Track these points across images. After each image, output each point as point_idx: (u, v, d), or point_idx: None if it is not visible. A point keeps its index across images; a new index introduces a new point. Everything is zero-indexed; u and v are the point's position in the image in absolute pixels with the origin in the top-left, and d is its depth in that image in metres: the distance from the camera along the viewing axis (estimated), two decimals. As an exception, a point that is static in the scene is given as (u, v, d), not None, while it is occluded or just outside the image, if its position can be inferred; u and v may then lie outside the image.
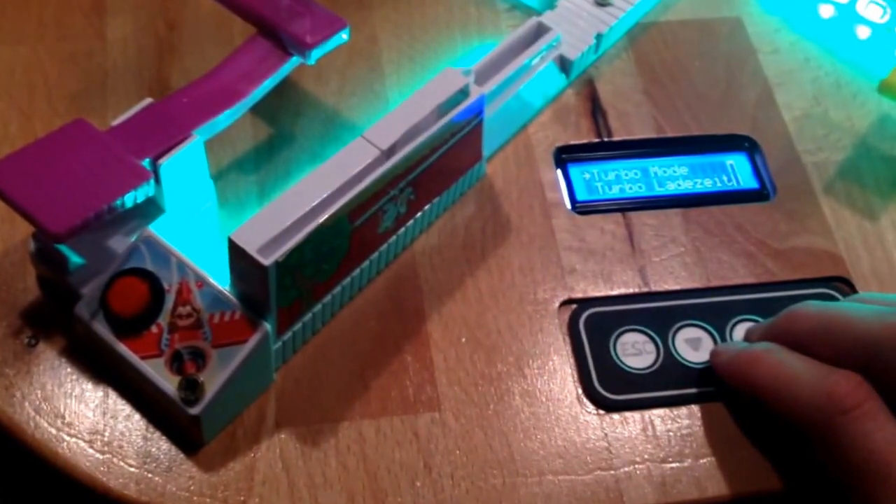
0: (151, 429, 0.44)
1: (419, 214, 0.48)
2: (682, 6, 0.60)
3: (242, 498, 0.42)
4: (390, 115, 0.45)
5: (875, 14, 0.59)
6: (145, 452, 0.43)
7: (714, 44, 0.58)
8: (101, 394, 0.44)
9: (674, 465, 0.45)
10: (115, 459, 0.43)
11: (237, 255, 0.41)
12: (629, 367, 0.47)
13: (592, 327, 0.48)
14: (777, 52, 0.58)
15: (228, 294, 0.43)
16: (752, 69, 0.58)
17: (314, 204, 0.41)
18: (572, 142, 0.54)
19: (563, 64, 0.55)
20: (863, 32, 0.59)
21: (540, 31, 0.54)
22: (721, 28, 0.59)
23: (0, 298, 0.46)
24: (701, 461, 0.45)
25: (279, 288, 0.41)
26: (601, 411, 0.46)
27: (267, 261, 0.40)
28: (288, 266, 0.41)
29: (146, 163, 0.44)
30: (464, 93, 0.46)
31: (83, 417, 0.44)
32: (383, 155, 0.43)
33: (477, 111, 0.47)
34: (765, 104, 0.56)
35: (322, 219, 0.41)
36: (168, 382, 0.42)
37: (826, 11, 0.60)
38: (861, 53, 0.59)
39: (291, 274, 0.41)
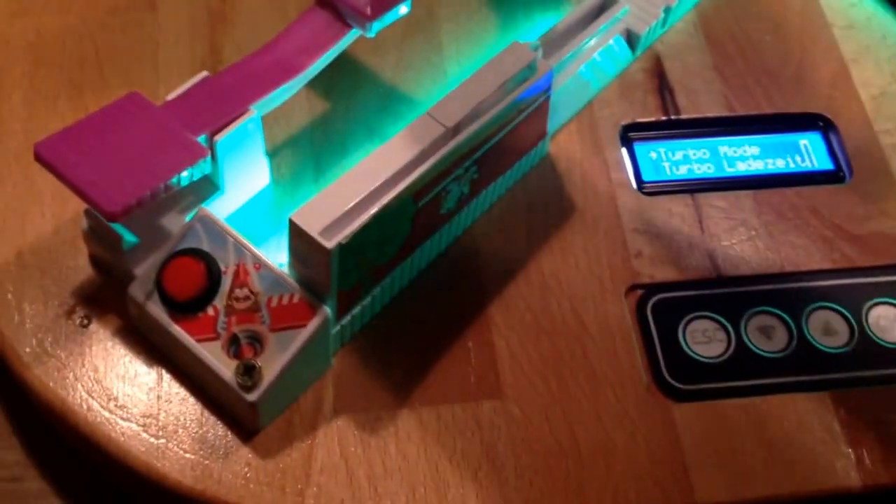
0: (207, 414, 0.42)
1: (482, 194, 0.46)
2: (754, -23, 0.58)
3: (300, 486, 0.41)
4: (456, 90, 0.43)
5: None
6: (201, 438, 0.42)
7: (787, 18, 0.56)
8: (155, 377, 0.43)
9: (746, 459, 0.43)
10: (169, 445, 0.41)
11: (298, 236, 0.39)
12: (699, 355, 0.45)
13: (660, 313, 0.46)
14: (852, 27, 0.56)
15: (287, 276, 0.41)
16: (826, 45, 0.55)
17: (378, 184, 0.40)
18: (639, 120, 0.52)
19: (630, 38, 0.53)
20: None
21: (606, 3, 0.52)
22: (794, 1, 0.57)
23: (51, 277, 0.45)
24: (774, 456, 0.43)
25: (341, 271, 0.40)
26: (670, 401, 0.44)
27: (330, 243, 0.38)
28: (350, 249, 0.39)
29: (202, 139, 0.42)
30: (532, 68, 0.44)
31: (137, 401, 0.42)
32: (449, 132, 0.41)
33: (545, 87, 0.45)
34: (840, 82, 0.54)
35: (387, 199, 0.39)
36: (225, 367, 0.40)
37: (905, -16, 0.58)
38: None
39: (354, 256, 0.40)
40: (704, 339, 0.46)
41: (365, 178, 0.40)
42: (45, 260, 0.45)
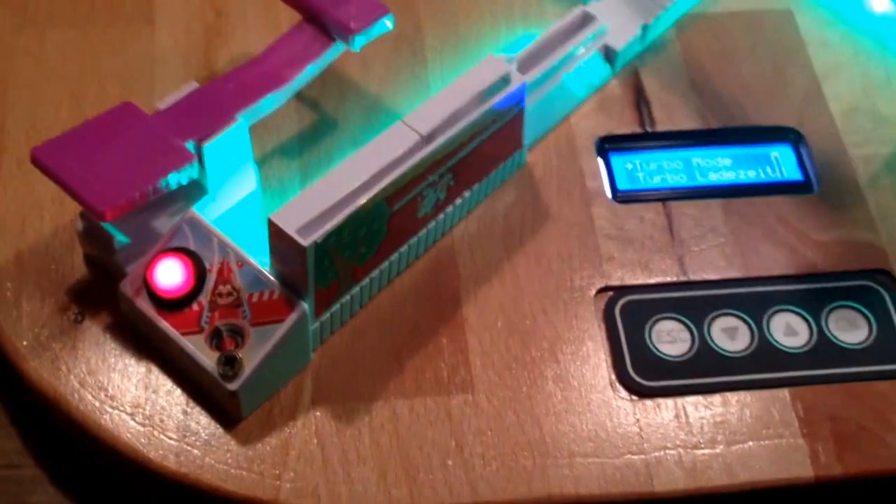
0: (191, 403, 0.45)
1: (458, 201, 0.49)
2: (730, -2, 0.60)
3: (278, 471, 0.43)
4: (431, 100, 0.45)
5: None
6: (185, 426, 0.44)
7: (762, 36, 0.58)
8: (143, 369, 0.45)
9: (705, 451, 0.45)
10: (155, 432, 0.44)
11: (277, 235, 0.41)
12: (664, 354, 0.47)
13: (628, 314, 0.48)
14: (826, 44, 0.58)
15: (268, 274, 0.44)
16: (800, 62, 0.57)
17: (353, 188, 0.42)
18: (615, 132, 0.54)
19: (609, 54, 0.55)
20: (916, 25, 0.59)
21: (585, 20, 0.54)
22: (770, 20, 0.59)
23: (48, 276, 0.48)
24: (732, 448, 0.45)
25: (317, 269, 0.42)
26: (634, 397, 0.46)
27: (305, 241, 0.41)
28: (326, 247, 0.41)
29: (190, 145, 0.45)
30: (505, 80, 0.47)
31: (125, 391, 0.45)
32: (423, 140, 0.44)
33: (518, 100, 0.48)
34: (812, 97, 0.56)
35: (360, 202, 0.42)
36: (207, 358, 0.43)
37: (879, 5, 0.60)
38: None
39: (329, 255, 0.42)
40: (669, 339, 0.48)
41: (340, 181, 0.42)
42: (43, 260, 0.48)
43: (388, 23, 0.49)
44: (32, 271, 0.48)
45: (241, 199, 0.49)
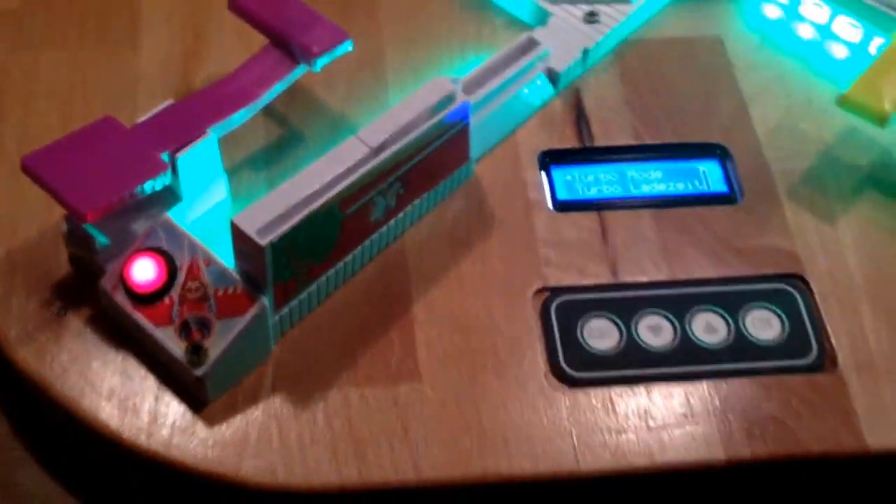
0: (163, 389, 0.49)
1: (408, 208, 0.54)
2: (668, 24, 0.65)
3: (239, 451, 0.48)
4: (382, 117, 0.50)
5: (850, 34, 0.63)
6: (156, 409, 0.49)
7: (695, 60, 0.63)
8: (119, 358, 0.50)
9: (629, 436, 0.49)
10: (128, 414, 0.49)
11: (238, 236, 0.46)
12: (594, 348, 0.52)
13: (562, 313, 0.53)
14: (754, 68, 0.63)
15: (232, 272, 0.48)
16: (728, 84, 0.62)
17: (307, 193, 0.47)
18: (557, 147, 0.59)
19: (552, 75, 0.60)
20: (839, 52, 0.64)
21: (530, 45, 0.59)
22: (702, 45, 0.64)
23: (35, 275, 0.53)
24: (653, 434, 0.50)
25: (275, 267, 0.47)
26: (565, 387, 0.51)
27: (263, 241, 0.46)
28: (282, 247, 0.46)
29: (165, 156, 0.50)
30: (450, 99, 0.52)
31: (103, 377, 0.50)
32: (372, 152, 0.49)
33: (462, 117, 0.53)
34: (739, 116, 0.61)
35: (313, 207, 0.47)
36: (177, 347, 0.48)
37: (804, 31, 0.65)
38: (836, 71, 0.63)
39: (286, 254, 0.47)
40: (599, 335, 0.53)
41: (297, 188, 0.47)
42: (31, 259, 0.53)
43: (348, 47, 0.54)
44: (21, 269, 0.53)
45: (213, 206, 0.54)
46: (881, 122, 0.54)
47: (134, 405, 0.49)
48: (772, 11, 0.66)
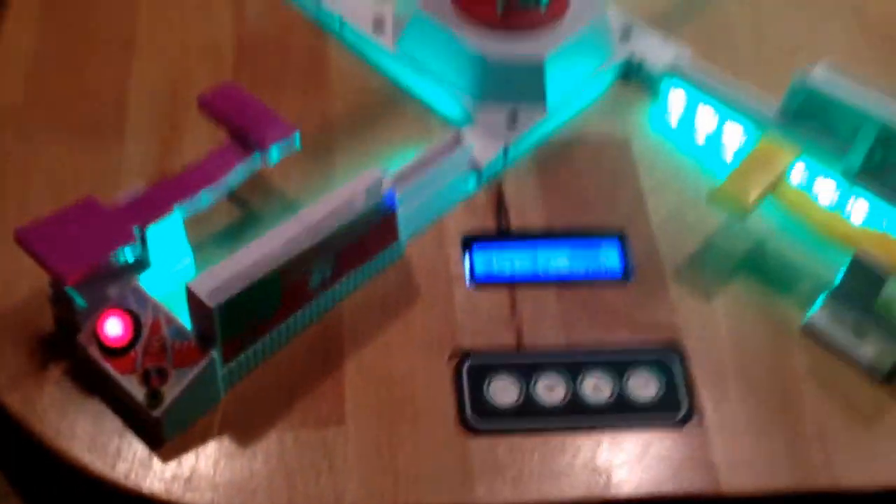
0: (127, 429, 0.58)
1: (344, 279, 0.63)
2: (582, 127, 0.75)
3: (185, 483, 0.57)
4: (319, 200, 0.60)
5: (734, 141, 0.73)
6: (119, 446, 0.58)
7: (604, 158, 0.73)
8: (91, 402, 0.59)
9: (524, 475, 0.58)
10: (97, 450, 0.58)
11: (192, 298, 0.56)
12: (497, 403, 0.61)
13: (472, 372, 0.62)
14: (654, 166, 0.73)
15: (187, 329, 0.58)
16: (631, 179, 0.72)
17: (251, 263, 0.56)
18: (478, 230, 0.69)
19: (476, 169, 0.70)
20: (726, 154, 0.74)
21: (455, 142, 0.69)
22: (612, 146, 0.74)
23: (25, 330, 0.62)
24: (544, 473, 0.58)
25: (222, 325, 0.56)
26: (470, 434, 0.60)
27: (212, 303, 0.55)
28: (228, 308, 0.56)
29: (136, 229, 0.59)
30: (378, 188, 0.61)
31: (76, 419, 0.59)
32: (309, 230, 0.58)
33: (389, 204, 0.62)
34: (637, 207, 0.71)
35: (256, 275, 0.56)
36: (139, 392, 0.57)
37: (700, 137, 0.75)
38: (724, 171, 0.73)
39: (232, 315, 0.56)
40: (502, 392, 0.62)
41: (243, 258, 0.57)
42: (22, 317, 0.62)
43: (295, 141, 0.64)
44: (13, 325, 0.62)
45: (178, 273, 0.64)
46: (743, 217, 0.64)
47: (101, 443, 0.58)
48: (673, 119, 0.76)
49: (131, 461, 0.57)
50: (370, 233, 0.62)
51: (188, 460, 0.58)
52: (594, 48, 0.75)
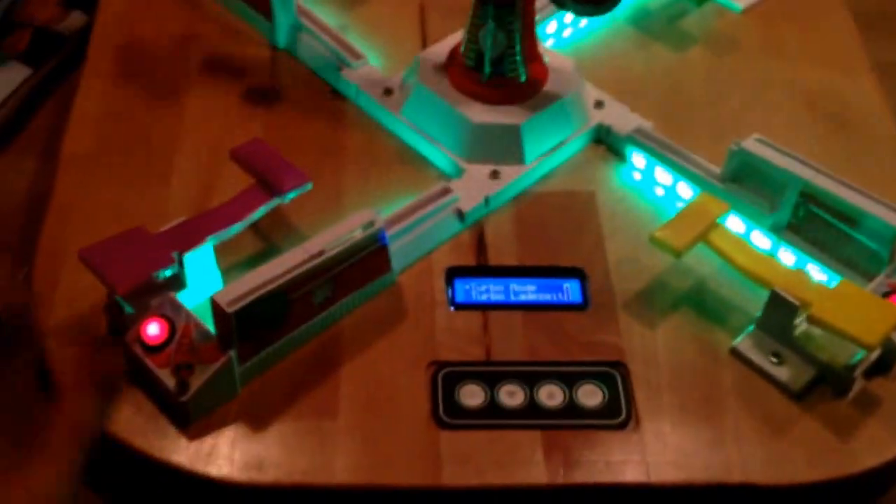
0: (159, 412, 0.72)
1: (343, 300, 0.76)
2: (556, 180, 0.88)
3: (207, 457, 0.70)
4: (321, 233, 0.74)
5: (686, 193, 0.86)
6: (155, 425, 0.71)
7: (572, 206, 0.86)
8: (134, 391, 0.73)
9: (486, 464, 0.70)
10: (137, 429, 0.71)
11: (215, 306, 0.70)
12: (465, 404, 0.74)
13: (446, 379, 0.75)
14: (615, 214, 0.86)
15: (212, 332, 0.71)
16: (594, 225, 0.85)
17: (264, 281, 0.70)
18: (460, 265, 0.82)
19: (460, 214, 0.83)
20: (679, 205, 0.86)
21: (444, 192, 0.83)
22: (579, 197, 0.87)
23: (85, 332, 0.76)
24: (499, 461, 0.70)
25: (238, 330, 0.70)
26: (443, 429, 0.72)
27: (230, 310, 0.69)
28: (242, 316, 0.69)
29: (175, 254, 0.73)
30: (371, 224, 0.75)
31: (121, 406, 0.72)
32: (311, 257, 0.72)
33: (380, 237, 0.76)
34: (596, 249, 0.83)
35: (266, 289, 0.70)
36: (170, 382, 0.70)
37: (659, 191, 0.88)
38: (675, 220, 0.85)
39: (246, 322, 0.70)
40: (470, 396, 0.74)
41: (256, 278, 0.70)
42: (83, 323, 0.76)
43: (308, 187, 0.78)
44: (76, 329, 0.76)
45: (208, 291, 0.77)
46: (677, 256, 0.77)
47: (139, 423, 0.71)
48: (636, 175, 0.89)
49: (162, 438, 0.71)
50: (363, 262, 0.76)
51: (209, 439, 0.71)
52: (566, 117, 0.89)
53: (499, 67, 0.87)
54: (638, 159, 0.88)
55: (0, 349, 0.80)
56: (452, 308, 0.79)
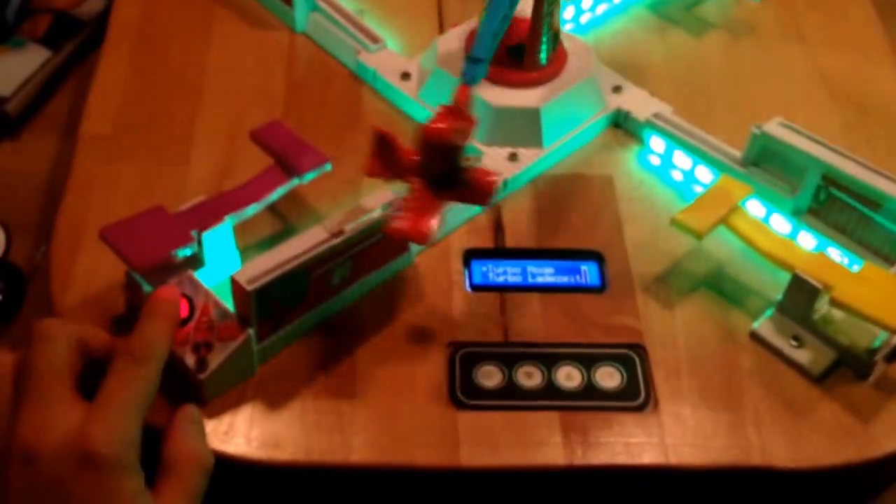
0: (178, 388, 0.72)
1: (362, 279, 0.76)
2: (573, 164, 0.88)
3: (224, 434, 0.70)
4: (340, 212, 0.74)
5: (705, 177, 0.86)
6: (174, 402, 0.71)
7: (589, 190, 0.86)
8: (152, 368, 0.73)
9: (502, 444, 0.70)
10: (154, 405, 0.71)
11: (235, 285, 0.69)
12: (483, 385, 0.74)
13: (464, 359, 0.75)
14: (633, 199, 0.86)
15: (231, 310, 0.71)
16: (611, 209, 0.85)
17: (284, 259, 0.70)
18: (477, 247, 0.82)
19: (479, 196, 0.83)
20: (698, 189, 0.86)
21: (462, 174, 0.82)
22: (597, 181, 0.87)
23: (102, 310, 0.76)
24: (520, 442, 0.70)
25: (258, 308, 0.70)
26: (460, 409, 0.72)
27: (250, 287, 0.68)
28: (262, 294, 0.69)
29: (194, 233, 0.73)
30: (389, 205, 0.75)
31: (140, 380, 0.72)
32: (330, 236, 0.72)
33: (398, 217, 0.76)
34: (615, 233, 0.83)
35: (286, 268, 0.70)
36: (190, 359, 0.70)
37: (677, 175, 0.88)
38: (694, 204, 0.85)
39: (266, 300, 0.70)
40: (488, 377, 0.74)
41: (276, 256, 0.70)
42: (100, 301, 0.76)
43: (327, 167, 0.78)
44: (93, 307, 0.76)
45: (226, 271, 0.77)
46: (699, 238, 0.76)
47: (157, 401, 0.71)
48: (654, 159, 0.89)
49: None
50: (383, 243, 0.76)
51: (227, 417, 0.71)
52: (584, 101, 0.88)
53: (518, 51, 0.86)
54: (657, 143, 0.88)
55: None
56: (470, 290, 0.79)
